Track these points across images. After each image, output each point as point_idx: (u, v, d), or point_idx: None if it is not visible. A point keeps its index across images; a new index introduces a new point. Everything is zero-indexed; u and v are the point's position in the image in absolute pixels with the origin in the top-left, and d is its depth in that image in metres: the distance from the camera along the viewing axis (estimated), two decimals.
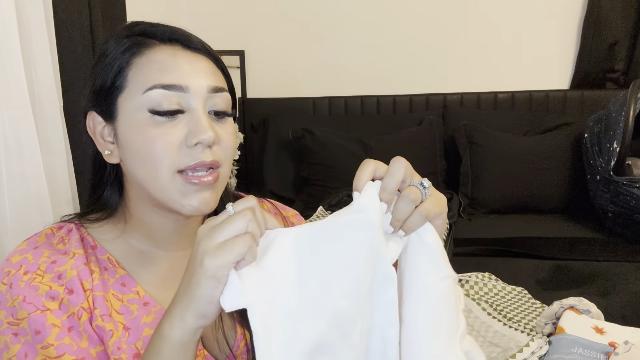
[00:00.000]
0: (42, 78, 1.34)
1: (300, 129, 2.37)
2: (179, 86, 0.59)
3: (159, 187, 0.60)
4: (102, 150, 0.64)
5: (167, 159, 0.59)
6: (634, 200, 1.72)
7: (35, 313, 0.58)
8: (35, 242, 0.64)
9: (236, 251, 0.46)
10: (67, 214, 0.70)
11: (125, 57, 0.61)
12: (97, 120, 0.64)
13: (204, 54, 0.64)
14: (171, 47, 0.62)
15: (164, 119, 0.59)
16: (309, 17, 2.58)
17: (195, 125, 0.59)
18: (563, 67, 2.50)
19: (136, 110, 0.60)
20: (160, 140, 0.58)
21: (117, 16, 1.67)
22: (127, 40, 0.62)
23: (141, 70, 0.60)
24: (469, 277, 1.36)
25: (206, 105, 0.62)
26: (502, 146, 2.20)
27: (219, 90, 0.63)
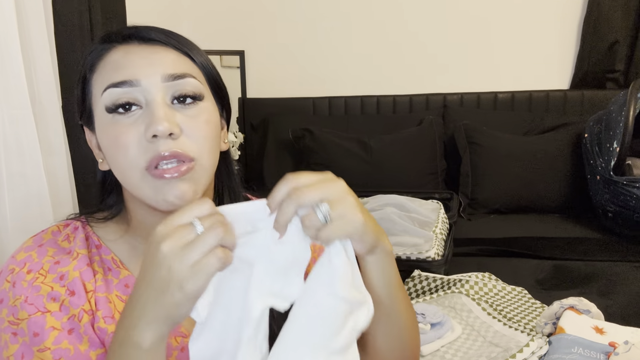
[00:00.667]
0: (42, 78, 1.34)
1: (300, 129, 2.37)
2: (128, 81, 0.59)
3: (133, 187, 0.60)
4: (97, 159, 0.66)
5: (130, 156, 0.58)
6: (633, 200, 1.72)
7: (35, 315, 0.58)
8: (40, 239, 0.64)
9: (212, 270, 0.46)
10: (75, 212, 0.71)
11: (89, 64, 0.63)
12: (88, 132, 0.66)
13: (163, 43, 0.62)
14: (126, 45, 0.62)
15: (121, 117, 0.59)
16: (309, 17, 2.58)
17: (150, 118, 0.57)
18: (563, 67, 2.50)
19: (99, 114, 0.61)
20: (120, 138, 0.58)
21: (117, 16, 1.67)
22: (92, 48, 0.64)
23: (100, 74, 0.61)
24: (469, 277, 1.36)
25: (166, 95, 0.60)
26: (502, 146, 2.20)
27: (180, 77, 0.60)
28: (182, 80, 0.61)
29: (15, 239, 1.24)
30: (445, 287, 1.33)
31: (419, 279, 1.37)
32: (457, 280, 1.33)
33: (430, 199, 1.93)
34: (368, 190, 2.09)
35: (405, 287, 1.37)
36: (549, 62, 2.50)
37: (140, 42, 0.62)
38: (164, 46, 0.62)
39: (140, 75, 0.59)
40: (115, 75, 0.59)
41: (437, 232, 1.55)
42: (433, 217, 1.69)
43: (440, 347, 1.08)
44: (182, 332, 0.65)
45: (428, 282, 1.36)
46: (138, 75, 0.59)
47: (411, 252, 1.43)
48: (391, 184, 2.19)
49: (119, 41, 0.62)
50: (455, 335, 1.12)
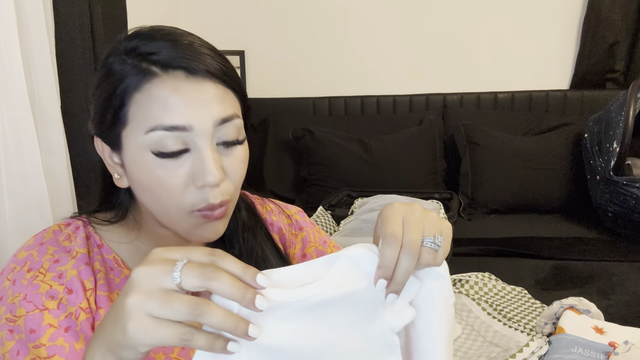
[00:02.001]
0: (42, 78, 1.34)
1: (300, 129, 2.37)
2: (181, 126, 0.55)
3: (171, 221, 0.61)
4: (112, 173, 0.63)
5: (175, 200, 0.58)
6: (633, 200, 1.72)
7: (33, 312, 0.58)
8: (42, 237, 0.64)
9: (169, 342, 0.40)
10: (76, 212, 0.70)
11: (126, 90, 0.56)
12: (104, 144, 0.62)
13: (210, 78, 0.57)
14: (173, 78, 0.55)
15: (169, 161, 0.56)
16: (309, 18, 2.58)
17: (200, 167, 0.56)
18: (563, 67, 2.50)
19: (139, 149, 0.57)
20: (166, 182, 0.57)
21: (118, 16, 1.67)
22: (127, 70, 0.56)
23: (142, 108, 0.56)
24: (469, 277, 1.36)
25: (213, 138, 0.57)
26: (502, 146, 2.20)
27: (228, 119, 0.58)
28: (230, 122, 0.58)
29: (14, 239, 1.24)
30: None
31: None
32: (457, 280, 1.33)
33: (430, 199, 1.93)
34: (368, 190, 2.09)
35: None
36: (549, 62, 2.50)
37: (187, 74, 0.56)
38: (212, 80, 0.57)
39: (192, 120, 0.55)
40: (165, 118, 0.55)
41: None
42: None
43: None
44: None
45: None
46: (191, 120, 0.55)
47: None
48: (391, 184, 2.19)
49: (163, 70, 0.56)
50: (455, 335, 1.12)
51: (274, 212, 0.81)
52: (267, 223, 0.79)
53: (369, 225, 1.60)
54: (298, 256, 0.79)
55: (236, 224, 0.73)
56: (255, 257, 0.73)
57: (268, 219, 0.80)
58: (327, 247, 0.82)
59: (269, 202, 0.83)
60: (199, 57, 0.57)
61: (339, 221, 1.78)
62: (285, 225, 0.80)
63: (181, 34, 0.59)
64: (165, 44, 0.57)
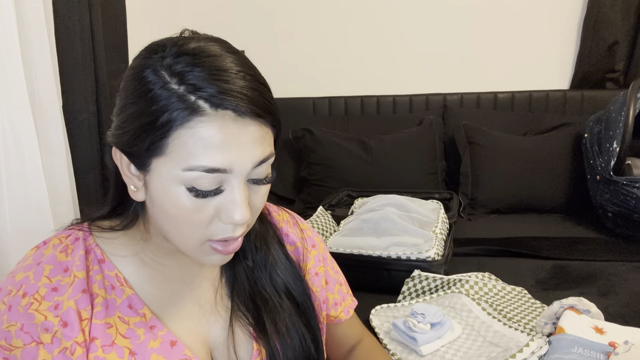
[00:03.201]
0: (42, 78, 1.34)
1: (300, 129, 2.37)
2: (222, 169, 0.54)
3: (184, 248, 0.61)
4: (128, 184, 0.60)
5: (198, 233, 0.58)
6: (633, 200, 1.72)
7: (30, 345, 0.57)
8: (40, 255, 0.62)
9: None
10: (78, 218, 0.68)
11: (170, 123, 0.53)
12: (125, 158, 0.59)
13: (255, 118, 0.55)
14: (220, 118, 0.53)
15: (201, 198, 0.56)
16: (309, 17, 2.58)
17: (231, 205, 0.56)
18: (563, 67, 2.50)
19: (171, 181, 0.55)
20: (193, 216, 0.56)
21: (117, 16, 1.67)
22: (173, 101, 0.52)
23: (185, 145, 0.53)
24: (469, 277, 1.36)
25: (248, 176, 0.58)
26: (502, 146, 2.20)
27: (265, 160, 0.58)
28: (266, 162, 0.58)
29: (14, 240, 1.24)
30: (445, 287, 1.33)
31: (419, 279, 1.37)
32: (457, 280, 1.33)
33: (430, 199, 1.93)
34: (368, 190, 2.09)
35: (405, 286, 1.37)
36: (549, 62, 2.50)
37: (235, 115, 0.53)
38: (256, 120, 0.55)
39: (234, 164, 0.54)
40: (208, 160, 0.53)
41: (437, 232, 1.55)
42: (433, 217, 1.69)
43: (440, 347, 1.08)
44: (185, 355, 0.64)
45: (428, 282, 1.36)
46: (233, 163, 0.54)
47: (411, 252, 1.43)
48: (391, 184, 2.19)
49: (211, 106, 0.52)
50: (455, 335, 1.12)
51: (290, 224, 0.81)
52: (282, 233, 0.78)
53: (369, 225, 1.60)
54: (311, 273, 0.79)
55: (248, 233, 0.72)
56: (269, 265, 0.73)
57: (284, 229, 0.79)
58: (327, 266, 0.84)
59: (284, 211, 0.82)
60: (247, 96, 0.54)
61: (339, 221, 1.78)
62: (299, 238, 0.80)
63: (230, 60, 0.55)
64: (214, 76, 0.53)
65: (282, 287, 0.73)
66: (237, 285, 0.71)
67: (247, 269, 0.72)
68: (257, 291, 0.71)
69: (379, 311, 1.27)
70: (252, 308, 0.70)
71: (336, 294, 0.84)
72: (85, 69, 1.48)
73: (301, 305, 0.74)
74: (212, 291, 0.71)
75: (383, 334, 1.17)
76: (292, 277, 0.74)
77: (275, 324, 0.70)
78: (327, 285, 0.82)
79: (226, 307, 0.71)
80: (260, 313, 0.70)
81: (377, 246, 1.49)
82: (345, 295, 0.86)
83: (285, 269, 0.74)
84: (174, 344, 0.63)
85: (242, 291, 0.71)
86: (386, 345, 1.13)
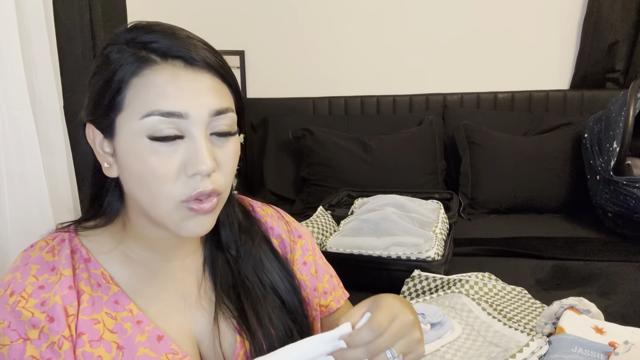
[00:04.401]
0: (42, 78, 1.34)
1: (300, 129, 2.37)
2: (178, 113, 0.56)
3: (159, 213, 0.60)
4: (102, 162, 0.63)
5: (166, 189, 0.58)
6: (634, 200, 1.72)
7: (17, 342, 0.58)
8: (27, 257, 0.63)
9: None
10: (63, 222, 0.69)
11: (124, 76, 0.57)
12: (95, 132, 0.63)
13: (209, 70, 0.59)
14: (172, 66, 0.57)
15: (163, 144, 0.57)
16: (309, 17, 2.58)
17: (194, 155, 0.57)
18: (563, 67, 2.50)
19: (134, 135, 0.57)
20: (158, 168, 0.57)
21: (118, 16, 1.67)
22: (126, 56, 0.58)
23: (139, 94, 0.57)
24: (469, 277, 1.36)
25: (207, 129, 0.59)
26: (502, 146, 2.20)
27: (223, 111, 0.59)
28: (225, 115, 0.60)
29: (15, 240, 1.24)
30: (445, 287, 1.33)
31: (419, 279, 1.37)
32: (457, 280, 1.33)
33: (430, 199, 1.93)
34: (368, 190, 2.09)
35: (405, 286, 1.38)
36: (549, 62, 2.50)
37: (186, 64, 0.58)
38: (209, 72, 0.59)
39: (189, 108, 0.57)
40: (163, 103, 0.56)
41: (437, 232, 1.55)
42: (433, 217, 1.69)
43: (440, 347, 1.08)
44: (172, 350, 0.64)
45: (428, 282, 1.36)
46: (187, 107, 0.57)
47: (411, 252, 1.43)
48: (391, 184, 2.19)
49: (162, 58, 0.57)
50: (455, 335, 1.12)
51: (274, 217, 0.82)
52: (267, 226, 0.79)
53: (369, 225, 1.60)
54: (299, 262, 0.79)
55: (233, 225, 0.73)
56: (253, 259, 0.73)
57: (268, 222, 0.80)
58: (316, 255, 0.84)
59: (268, 206, 0.83)
60: (197, 49, 0.58)
61: (339, 221, 1.78)
62: (284, 230, 0.81)
63: (179, 28, 0.61)
64: (165, 35, 0.58)
65: (267, 281, 0.73)
66: (221, 278, 0.72)
67: (230, 259, 0.73)
68: (240, 280, 0.72)
69: None
70: (234, 299, 0.71)
71: (325, 283, 0.84)
72: (86, 69, 1.48)
73: (286, 302, 0.73)
74: (196, 285, 0.71)
75: None
76: (279, 273, 0.74)
77: (257, 314, 0.70)
78: (316, 274, 0.82)
79: (210, 300, 0.71)
80: (243, 304, 0.70)
81: (377, 246, 1.49)
82: (336, 286, 0.86)
83: (271, 265, 0.74)
84: (160, 338, 0.64)
85: (225, 283, 0.72)
86: None
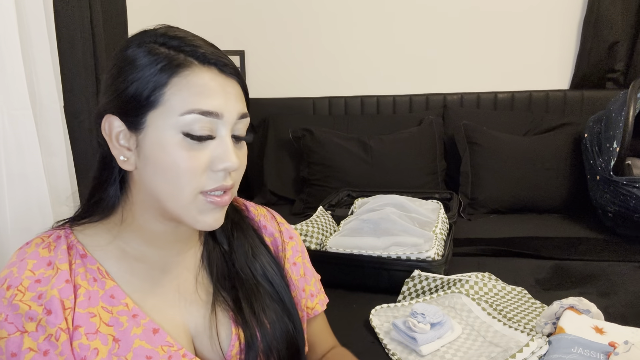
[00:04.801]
0: (42, 78, 1.34)
1: (300, 129, 2.37)
2: (215, 113, 0.61)
3: (179, 205, 0.63)
4: (117, 156, 0.64)
5: (193, 182, 0.61)
6: (634, 200, 1.72)
7: (14, 335, 0.59)
8: (23, 253, 0.64)
9: None
10: (60, 220, 0.70)
11: (164, 76, 0.60)
12: (115, 124, 0.63)
13: (235, 78, 0.65)
14: (209, 71, 0.62)
15: (197, 143, 0.61)
16: (309, 17, 2.58)
17: (222, 153, 0.62)
18: (563, 67, 2.50)
19: (168, 129, 0.60)
20: (188, 163, 0.60)
21: (118, 16, 1.67)
22: (163, 57, 0.61)
23: (180, 92, 0.60)
24: (469, 277, 1.36)
25: (232, 128, 0.64)
26: (502, 146, 2.20)
27: (244, 116, 0.65)
28: (245, 119, 0.66)
29: (15, 239, 1.24)
30: (445, 287, 1.33)
31: (419, 279, 1.37)
32: (457, 280, 1.33)
33: (430, 199, 1.93)
34: (368, 190, 2.09)
35: (405, 286, 1.38)
36: (549, 62, 2.50)
37: (219, 70, 0.63)
38: (235, 79, 0.65)
39: (224, 109, 0.62)
40: (204, 102, 0.60)
41: (437, 232, 1.55)
42: (433, 217, 1.69)
43: (440, 347, 1.08)
44: (168, 342, 0.65)
45: (428, 282, 1.36)
46: (223, 109, 0.62)
47: (411, 252, 1.43)
48: (391, 184, 2.19)
49: (201, 62, 0.62)
50: (455, 335, 1.12)
51: (267, 217, 0.85)
52: (260, 224, 0.82)
53: (368, 225, 1.60)
54: (290, 262, 0.82)
55: (226, 221, 0.74)
56: (245, 252, 0.76)
57: (262, 221, 0.83)
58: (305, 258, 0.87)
59: (261, 207, 0.86)
60: (225, 58, 0.64)
61: (339, 221, 1.78)
62: (277, 230, 0.84)
63: (196, 35, 0.65)
64: (199, 42, 0.63)
65: (260, 271, 0.76)
66: (217, 268, 0.74)
67: (225, 252, 0.76)
68: (235, 272, 0.74)
69: (379, 311, 1.27)
70: (229, 290, 0.73)
71: (312, 286, 0.86)
72: (86, 69, 1.48)
73: (279, 292, 0.76)
74: (192, 280, 0.73)
75: (383, 334, 1.17)
76: (271, 266, 0.77)
77: (251, 307, 0.72)
78: (305, 276, 0.85)
79: (207, 292, 0.73)
80: (238, 295, 0.72)
81: (377, 246, 1.49)
82: (319, 289, 0.89)
83: (263, 258, 0.77)
84: (156, 331, 0.65)
85: (221, 275, 0.74)
86: (386, 345, 1.13)
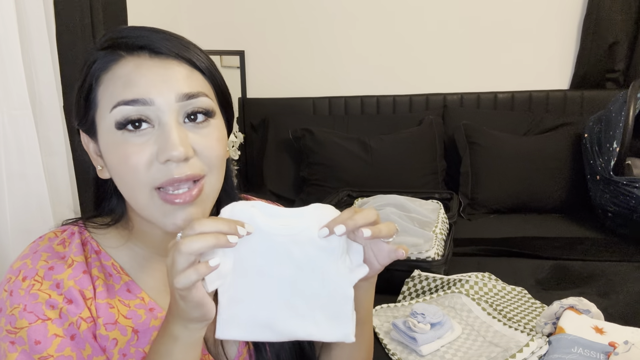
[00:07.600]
0: (42, 78, 1.34)
1: (300, 129, 2.37)
2: (141, 100, 0.56)
3: (139, 206, 0.60)
4: (96, 166, 0.64)
5: (140, 177, 0.57)
6: (633, 200, 1.72)
7: (36, 323, 0.57)
8: (36, 246, 0.63)
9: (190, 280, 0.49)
10: (71, 218, 0.70)
11: (94, 74, 0.59)
12: (85, 136, 0.64)
13: (175, 58, 0.59)
14: (137, 57, 0.58)
15: (132, 135, 0.57)
16: (309, 17, 2.58)
17: (164, 142, 0.56)
18: (563, 67, 2.50)
19: (108, 129, 0.59)
20: (131, 158, 0.57)
21: (118, 16, 1.67)
22: (94, 57, 0.60)
23: (107, 88, 0.58)
24: (469, 277, 1.36)
25: (179, 115, 0.58)
26: (502, 146, 2.20)
27: (194, 96, 0.59)
28: (196, 99, 0.59)
29: (15, 239, 1.25)
30: (445, 287, 1.33)
31: (419, 279, 1.37)
32: (457, 280, 1.33)
33: (430, 199, 1.93)
34: (368, 190, 2.09)
35: (405, 286, 1.38)
36: (549, 62, 2.50)
37: (151, 54, 0.59)
38: (177, 60, 0.59)
39: (153, 93, 0.57)
40: (127, 92, 0.57)
41: (437, 232, 1.55)
42: (433, 217, 1.69)
43: (440, 347, 1.08)
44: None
45: (428, 282, 1.36)
46: (151, 93, 0.57)
47: (411, 252, 1.43)
48: (391, 184, 2.19)
49: (127, 51, 0.59)
50: (455, 335, 1.12)
51: None
52: None
53: None
54: None
55: None
56: None
57: None
58: None
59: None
60: (161, 40, 0.60)
61: None
62: None
63: (151, 27, 0.62)
64: (130, 30, 0.61)
65: None
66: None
67: None
68: None
69: (379, 311, 1.27)
70: None
71: None
72: None
73: None
74: None
75: (383, 334, 1.17)
76: None
77: None
78: None
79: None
80: None
81: None
82: None
83: None
84: None
85: None
86: (386, 345, 1.13)
